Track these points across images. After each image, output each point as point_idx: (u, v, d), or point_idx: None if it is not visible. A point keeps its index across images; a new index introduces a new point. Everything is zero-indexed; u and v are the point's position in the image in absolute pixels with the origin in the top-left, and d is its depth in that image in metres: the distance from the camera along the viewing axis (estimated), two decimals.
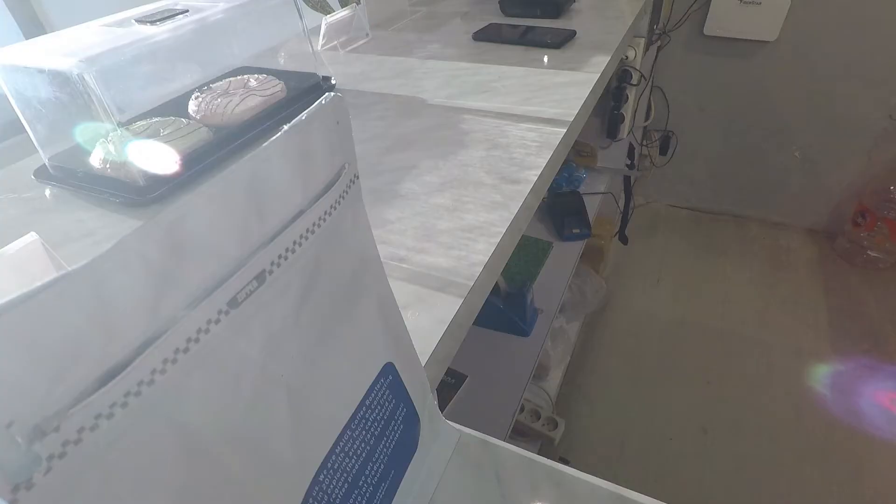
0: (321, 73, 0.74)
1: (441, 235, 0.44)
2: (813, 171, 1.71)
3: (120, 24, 0.55)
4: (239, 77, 0.70)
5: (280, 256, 0.16)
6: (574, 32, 0.87)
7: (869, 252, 1.64)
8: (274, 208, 0.15)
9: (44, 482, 0.11)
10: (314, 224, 0.17)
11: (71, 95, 0.48)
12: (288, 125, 0.15)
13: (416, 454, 0.25)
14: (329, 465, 0.19)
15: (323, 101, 0.17)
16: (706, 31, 1.57)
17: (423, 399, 0.26)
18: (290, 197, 0.16)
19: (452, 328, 0.36)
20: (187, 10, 0.58)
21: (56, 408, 0.11)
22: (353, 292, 0.20)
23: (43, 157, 0.56)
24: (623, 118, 1.29)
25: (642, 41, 1.20)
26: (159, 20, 0.55)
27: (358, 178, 0.20)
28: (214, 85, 0.68)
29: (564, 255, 1.18)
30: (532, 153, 0.55)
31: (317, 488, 0.19)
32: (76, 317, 0.11)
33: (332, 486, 0.19)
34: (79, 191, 0.54)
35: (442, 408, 0.28)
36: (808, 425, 1.27)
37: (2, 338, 0.10)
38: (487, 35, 0.89)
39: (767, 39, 1.53)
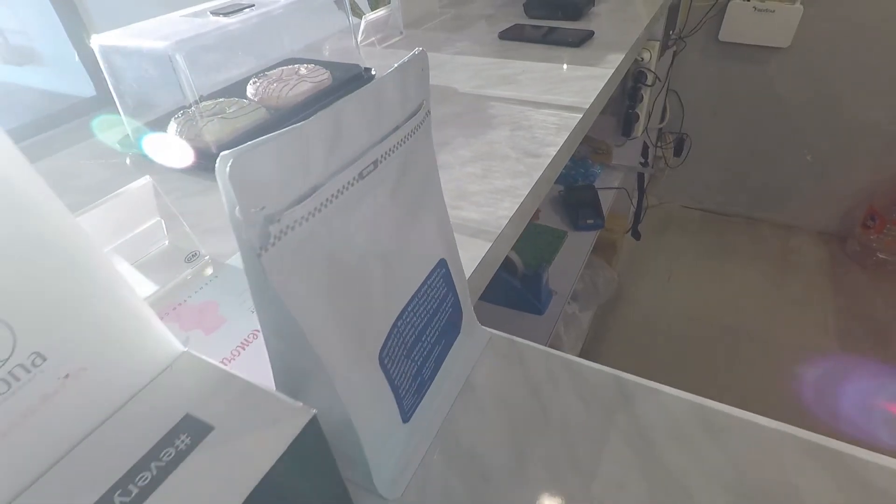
0: (363, 65, 0.82)
1: (473, 196, 0.51)
2: (824, 175, 1.75)
3: (197, 15, 0.64)
4: (290, 66, 0.79)
5: (385, 153, 0.23)
6: (592, 33, 0.94)
7: (878, 254, 1.68)
8: (385, 119, 0.23)
9: (271, 251, 0.18)
10: (405, 137, 0.25)
11: (161, 73, 0.56)
12: (397, 64, 0.23)
13: (458, 338, 0.33)
14: (404, 317, 0.27)
15: (415, 53, 0.24)
16: (721, 38, 1.63)
17: (465, 299, 0.33)
18: (394, 114, 0.23)
19: (483, 265, 0.43)
20: (252, 5, 0.67)
21: (279, 208, 0.18)
22: (420, 198, 0.28)
23: (127, 128, 0.65)
24: (638, 117, 1.36)
25: (657, 44, 1.27)
26: (231, 12, 0.64)
27: (430, 113, 0.27)
28: (269, 72, 0.76)
29: (578, 245, 1.25)
30: (551, 133, 0.62)
31: (395, 331, 0.26)
32: (294, 157, 0.18)
33: (404, 333, 0.27)
34: (153, 166, 0.62)
35: None
36: (811, 424, 1.32)
37: (266, 158, 0.17)
38: (512, 34, 0.97)
39: (781, 46, 1.58)
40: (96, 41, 0.58)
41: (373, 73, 0.82)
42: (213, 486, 0.17)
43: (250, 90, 0.74)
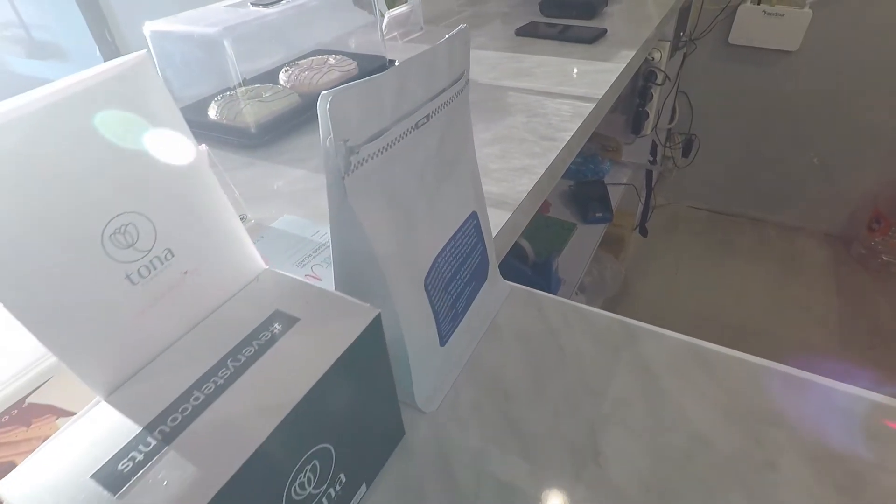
0: (387, 56, 0.87)
1: (493, 173, 0.56)
2: (830, 177, 1.78)
3: (238, 5, 0.69)
4: (319, 56, 0.84)
5: (436, 109, 0.28)
6: (605, 31, 0.99)
7: (883, 257, 1.71)
8: (436, 81, 0.27)
9: (351, 176, 0.23)
10: (450, 98, 0.29)
11: (207, 57, 0.61)
12: (448, 35, 0.27)
13: (484, 285, 0.37)
14: (443, 254, 0.31)
15: (460, 28, 0.29)
16: (731, 40, 1.67)
17: (491, 253, 0.38)
18: (443, 77, 0.28)
19: (504, 230, 0.48)
20: None
21: (358, 143, 0.23)
22: (459, 154, 0.32)
23: None
24: (647, 115, 1.40)
25: (668, 44, 1.31)
26: (270, 4, 0.69)
27: (469, 81, 0.32)
28: (301, 61, 0.81)
29: (586, 237, 1.29)
30: (566, 120, 0.66)
31: (436, 264, 0.31)
32: (371, 102, 0.23)
33: (443, 269, 0.31)
34: (200, 137, 0.67)
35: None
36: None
37: (353, 100, 0.22)
38: (528, 31, 1.01)
39: (789, 49, 1.62)
40: (148, 27, 0.64)
41: (396, 64, 0.87)
42: (302, 359, 0.22)
43: (283, 77, 0.79)
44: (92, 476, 0.18)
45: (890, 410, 0.30)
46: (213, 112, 0.68)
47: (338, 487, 0.25)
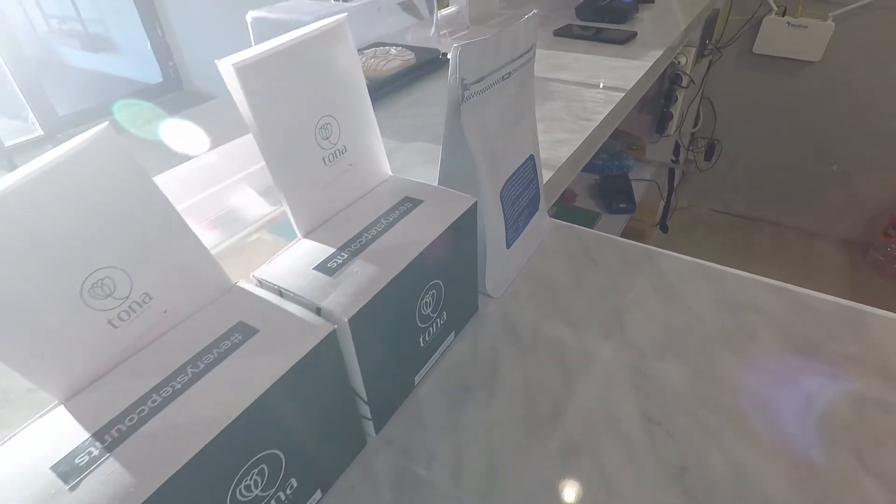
0: (441, 50, 0.98)
1: (539, 144, 0.66)
2: (849, 184, 1.84)
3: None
4: (382, 47, 0.95)
5: (516, 68, 0.39)
6: (635, 33, 1.09)
7: None
8: (518, 47, 0.38)
9: (464, 105, 0.34)
10: (524, 63, 0.40)
11: None
12: (526, 16, 0.38)
13: (537, 213, 0.48)
14: (513, 178, 0.42)
15: (534, 12, 0.40)
16: (755, 50, 1.75)
17: (542, 191, 0.49)
18: (521, 46, 0.39)
19: (548, 186, 0.58)
20: None
21: (470, 81, 0.34)
22: (525, 107, 0.43)
23: None
24: (672, 116, 1.49)
25: (693, 50, 1.40)
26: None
27: (535, 53, 0.42)
28: (366, 50, 0.93)
29: (609, 227, 1.38)
30: (599, 105, 0.77)
31: (509, 182, 0.41)
32: (481, 53, 0.34)
33: (512, 188, 0.42)
34: None
35: None
36: None
37: (471, 51, 0.33)
38: (565, 32, 1.12)
39: (812, 60, 1.69)
40: (251, 14, 0.76)
41: (448, 57, 0.98)
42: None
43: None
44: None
45: (856, 312, 0.40)
46: None
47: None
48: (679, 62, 1.40)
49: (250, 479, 0.23)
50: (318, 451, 0.28)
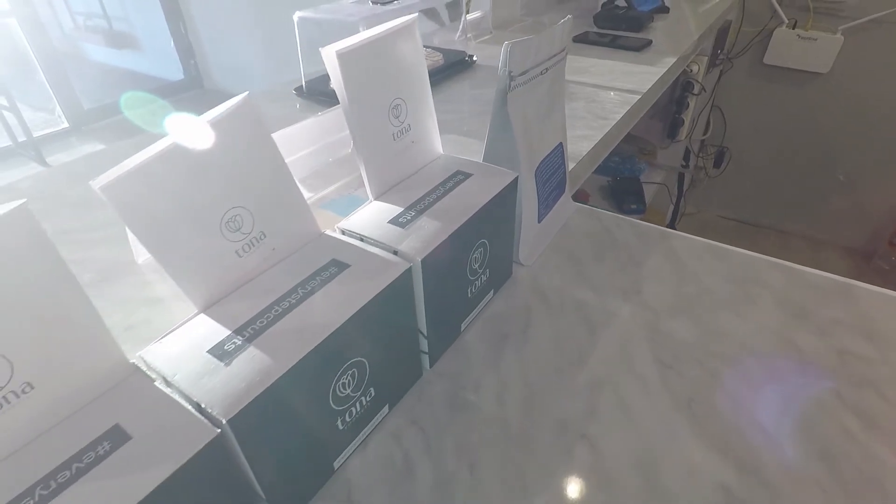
0: (467, 52, 1.05)
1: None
2: (855, 193, 1.89)
3: (360, 2, 0.88)
4: None
5: (551, 65, 0.45)
6: (651, 41, 1.15)
7: None
8: (553, 47, 0.44)
9: (510, 93, 0.40)
10: (558, 61, 0.46)
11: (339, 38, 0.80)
12: (562, 21, 0.44)
13: (563, 195, 0.54)
14: (545, 161, 0.48)
15: (568, 18, 0.46)
16: (766, 60, 1.80)
17: (567, 176, 0.54)
18: (556, 45, 0.45)
19: (571, 174, 0.64)
20: None
21: (515, 73, 0.40)
22: (556, 100, 0.49)
23: (302, 80, 0.89)
24: (683, 122, 1.54)
25: (705, 59, 1.46)
26: (385, 2, 0.87)
27: (566, 53, 0.48)
28: None
29: None
30: (616, 106, 0.83)
31: (542, 164, 0.47)
32: (525, 51, 0.40)
33: (544, 170, 0.48)
34: (320, 103, 0.86)
35: None
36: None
37: (518, 49, 0.39)
38: (583, 38, 1.18)
39: (821, 71, 1.75)
40: (298, 14, 0.83)
41: (474, 59, 1.05)
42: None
43: None
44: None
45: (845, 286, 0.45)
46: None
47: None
48: (691, 70, 1.45)
49: (346, 378, 0.29)
50: (390, 369, 0.34)
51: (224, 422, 0.22)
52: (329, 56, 0.32)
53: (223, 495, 0.24)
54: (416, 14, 0.38)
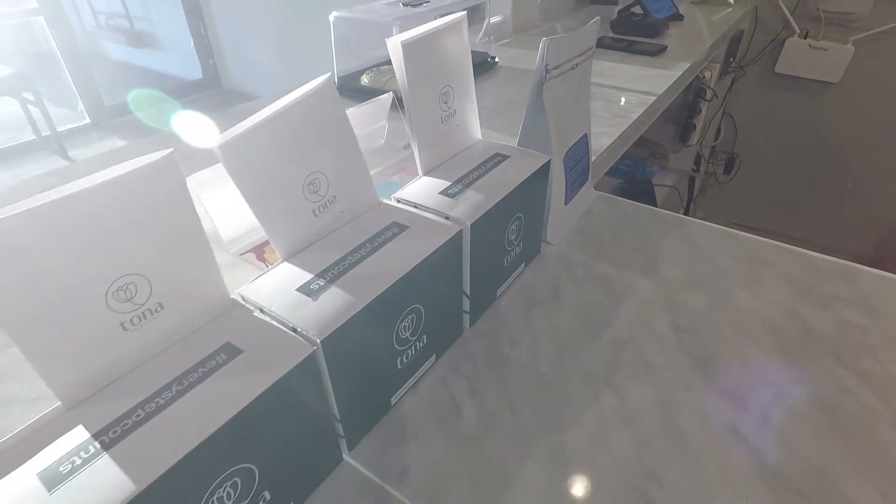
0: (490, 53, 1.10)
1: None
2: (863, 202, 1.92)
3: (393, 4, 0.93)
4: None
5: (580, 62, 0.49)
6: (666, 47, 1.19)
7: None
8: (583, 45, 0.49)
9: (546, 84, 0.45)
10: (586, 58, 0.51)
11: (371, 38, 0.85)
12: (591, 22, 0.49)
13: (586, 182, 0.58)
14: (572, 148, 0.52)
15: (596, 20, 0.50)
16: (777, 69, 1.84)
17: (590, 166, 0.59)
18: (585, 43, 0.49)
19: (592, 166, 0.69)
20: (429, 1, 0.96)
21: (551, 66, 0.45)
22: (583, 94, 0.54)
23: (335, 76, 0.94)
24: (695, 127, 1.58)
25: (718, 66, 1.50)
26: (415, 4, 0.93)
27: (593, 52, 0.53)
28: None
29: None
30: (634, 105, 0.87)
31: (570, 151, 0.52)
32: (559, 47, 0.45)
33: (571, 157, 0.52)
34: (351, 98, 0.91)
35: None
36: None
37: (555, 45, 0.44)
38: (601, 43, 1.23)
39: (831, 81, 1.78)
40: (334, 14, 0.88)
41: (496, 60, 1.10)
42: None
43: None
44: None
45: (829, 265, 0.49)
46: (364, 80, 0.92)
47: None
48: (704, 76, 1.50)
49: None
50: (440, 320, 0.38)
51: (318, 341, 0.27)
52: (394, 45, 0.37)
53: (310, 408, 0.29)
54: (465, 12, 0.43)
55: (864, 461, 0.33)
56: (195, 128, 0.83)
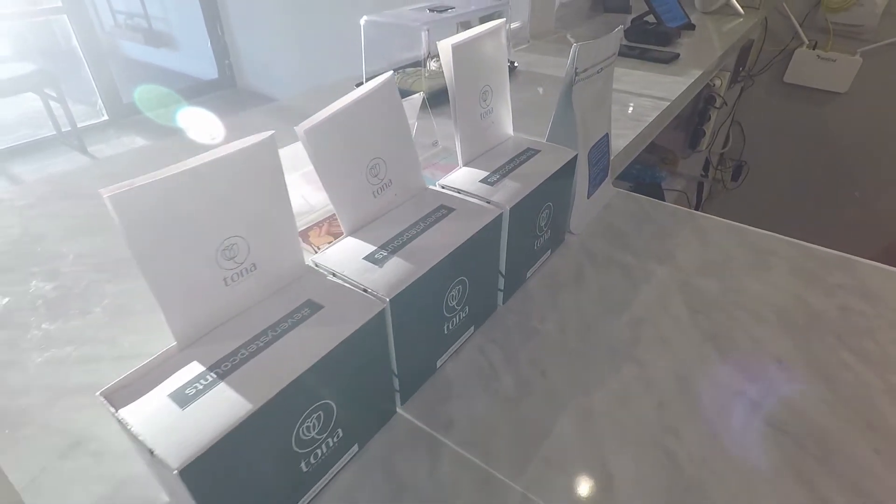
0: (508, 59, 1.14)
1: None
2: (870, 211, 1.95)
3: (419, 9, 0.98)
4: None
5: (604, 66, 0.54)
6: (678, 54, 1.24)
7: None
8: (607, 51, 0.53)
9: (575, 86, 0.49)
10: (609, 63, 0.55)
11: (399, 42, 0.89)
12: (615, 30, 0.53)
13: (606, 179, 0.62)
14: (594, 147, 0.57)
15: (619, 28, 0.55)
16: (786, 79, 1.88)
17: (610, 164, 0.63)
18: (609, 49, 0.54)
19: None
20: (454, 7, 1.00)
21: (580, 69, 0.49)
22: (605, 95, 0.58)
23: (363, 76, 0.98)
24: (704, 133, 1.62)
25: (728, 74, 1.54)
26: (442, 10, 0.97)
27: (616, 57, 0.57)
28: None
29: None
30: (648, 110, 0.91)
31: (593, 148, 0.56)
32: (590, 53, 0.49)
33: (594, 153, 0.57)
34: None
35: None
36: None
37: (584, 50, 0.48)
38: None
39: (839, 91, 1.82)
40: (365, 18, 0.93)
41: (516, 65, 1.14)
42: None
43: (433, 65, 1.07)
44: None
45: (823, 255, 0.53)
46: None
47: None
48: (714, 84, 1.54)
49: (454, 291, 0.38)
50: (480, 295, 0.42)
51: (388, 300, 0.31)
52: (444, 48, 0.41)
53: (376, 360, 0.33)
54: (504, 20, 0.47)
55: (859, 423, 0.37)
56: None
